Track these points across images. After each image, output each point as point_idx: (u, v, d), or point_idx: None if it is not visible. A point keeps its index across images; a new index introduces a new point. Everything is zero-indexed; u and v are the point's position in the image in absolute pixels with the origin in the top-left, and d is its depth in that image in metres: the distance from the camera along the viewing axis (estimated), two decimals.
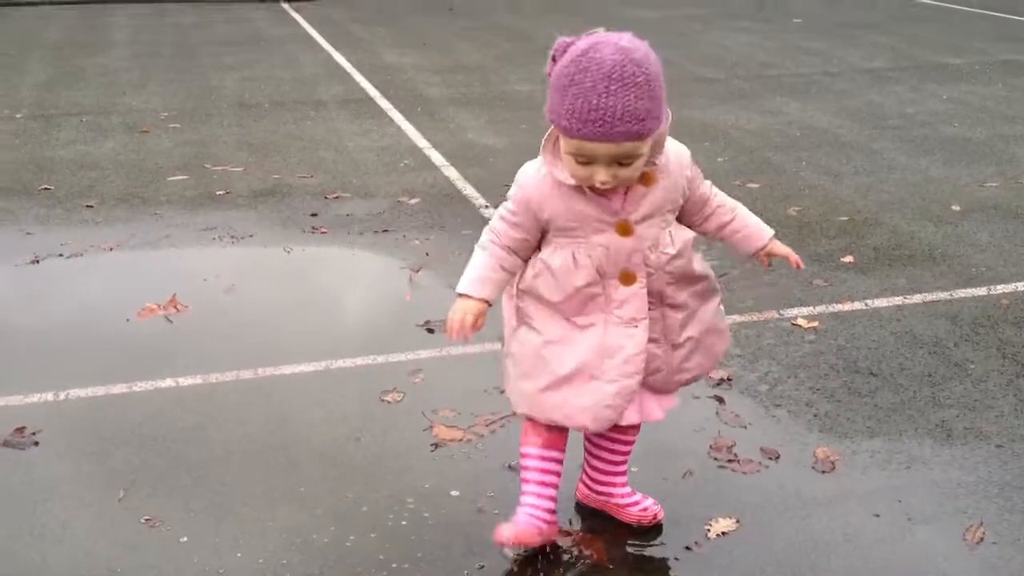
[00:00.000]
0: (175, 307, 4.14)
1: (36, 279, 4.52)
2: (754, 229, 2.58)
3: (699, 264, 2.48)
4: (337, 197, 5.57)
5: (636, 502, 2.74)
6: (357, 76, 8.89)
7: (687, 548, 2.67)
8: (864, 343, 3.82)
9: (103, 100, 8.03)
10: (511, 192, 2.40)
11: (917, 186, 5.70)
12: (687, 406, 3.37)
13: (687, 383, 2.58)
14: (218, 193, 5.67)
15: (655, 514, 2.72)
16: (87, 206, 5.46)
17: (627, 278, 2.36)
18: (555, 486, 2.60)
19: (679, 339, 2.48)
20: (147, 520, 2.79)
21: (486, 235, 2.43)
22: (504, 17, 12.32)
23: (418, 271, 4.50)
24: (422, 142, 6.72)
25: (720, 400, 3.41)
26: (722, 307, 2.61)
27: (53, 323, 4.06)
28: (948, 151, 6.40)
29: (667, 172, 2.35)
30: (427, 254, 4.70)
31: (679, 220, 2.46)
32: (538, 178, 2.33)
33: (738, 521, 2.76)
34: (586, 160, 2.20)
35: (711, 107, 7.64)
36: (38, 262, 4.68)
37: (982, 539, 2.69)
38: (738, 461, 3.06)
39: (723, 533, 2.72)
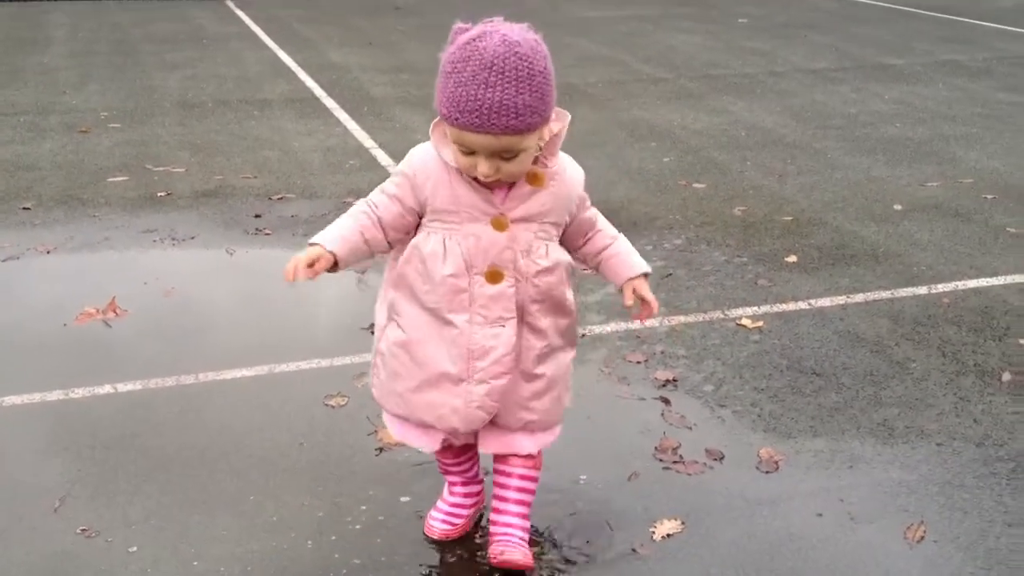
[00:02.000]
0: (114, 311, 4.06)
1: None
2: (630, 258, 2.51)
3: (570, 297, 2.42)
4: (281, 198, 5.51)
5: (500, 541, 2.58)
6: (302, 75, 8.81)
7: (633, 550, 2.66)
8: (808, 343, 3.85)
9: (41, 99, 7.88)
10: (399, 167, 2.36)
11: (860, 186, 5.76)
12: (632, 407, 3.38)
13: (526, 431, 2.46)
14: (159, 194, 5.58)
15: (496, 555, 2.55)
16: (24, 208, 5.35)
17: (494, 276, 2.29)
18: (464, 484, 2.70)
19: (533, 369, 2.40)
20: (83, 530, 2.73)
21: (360, 204, 2.36)
22: (450, 16, 12.18)
23: (364, 273, 4.46)
24: (368, 142, 6.67)
25: (666, 401, 3.41)
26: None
27: None
28: (890, 151, 6.47)
29: (559, 181, 2.33)
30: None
31: (561, 244, 2.42)
32: (427, 157, 2.31)
33: (683, 522, 2.76)
34: (468, 150, 2.17)
35: (658, 107, 7.67)
36: None
37: (923, 537, 2.71)
38: (683, 462, 3.06)
39: (668, 535, 2.72)
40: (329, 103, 7.79)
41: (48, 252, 4.75)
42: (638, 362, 3.68)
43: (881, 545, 2.69)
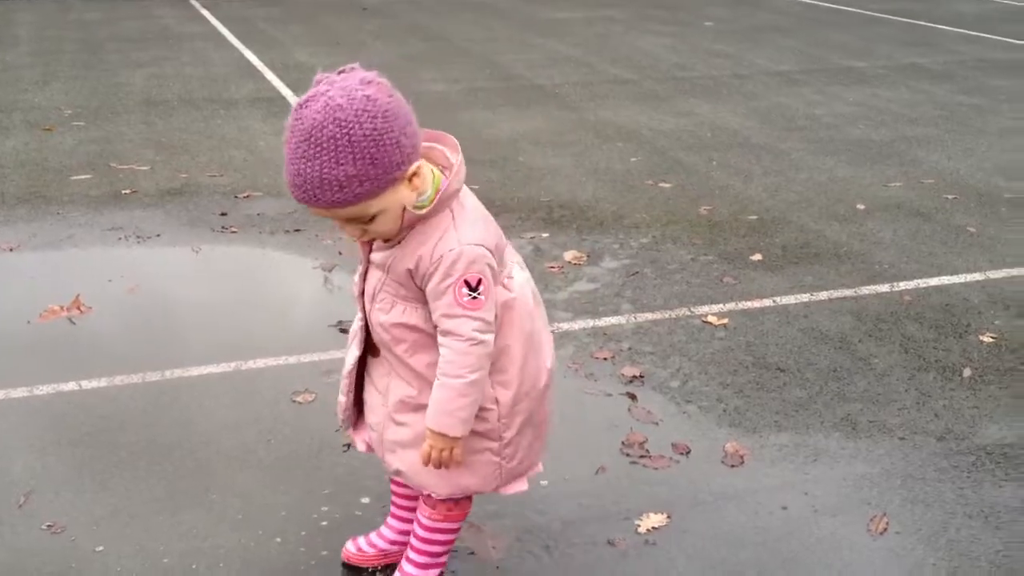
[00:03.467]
0: (78, 308, 4.03)
1: None
2: (431, 406, 2.15)
3: (425, 367, 2.17)
4: (248, 196, 5.49)
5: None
6: (269, 75, 8.77)
7: (609, 543, 2.68)
8: (772, 339, 3.89)
9: (4, 97, 7.80)
10: None
11: (823, 186, 5.82)
12: (599, 403, 3.40)
13: (398, 478, 2.36)
14: (124, 192, 5.54)
15: None
16: None
17: (361, 305, 2.25)
18: (399, 517, 2.56)
19: (396, 415, 2.26)
20: (49, 526, 2.71)
21: None
22: (418, 16, 12.27)
23: (331, 271, 4.45)
24: None
25: (632, 397, 3.43)
26: (495, 455, 2.28)
27: None
28: (853, 152, 6.54)
29: (404, 245, 2.09)
30: (340, 253, 4.65)
31: None
32: None
33: (650, 516, 2.78)
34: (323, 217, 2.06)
35: (625, 108, 7.70)
36: None
37: (886, 529, 2.75)
38: (650, 456, 3.08)
39: (636, 528, 2.74)
40: (295, 103, 7.75)
41: (11, 250, 4.71)
42: (605, 358, 3.70)
43: (845, 537, 2.72)
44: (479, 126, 7.03)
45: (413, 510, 2.51)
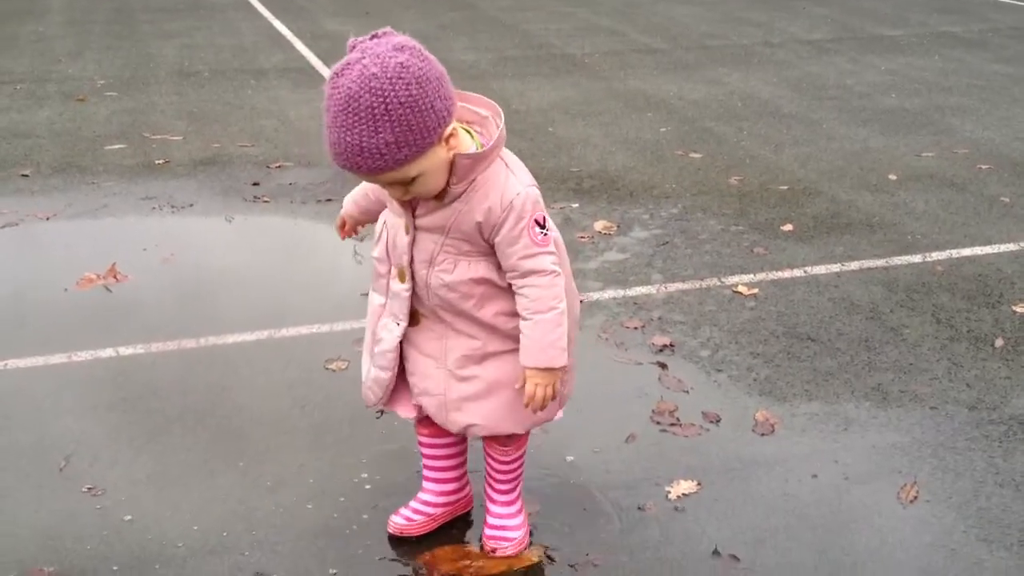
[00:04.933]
0: (114, 276, 4.09)
1: None
2: (527, 345, 2.23)
3: (494, 316, 2.26)
4: (279, 166, 5.52)
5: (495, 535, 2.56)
6: (298, 44, 8.79)
7: (639, 508, 2.70)
8: (803, 309, 3.88)
9: (38, 68, 7.86)
10: None
11: (855, 156, 5.78)
12: (629, 372, 3.41)
13: (466, 434, 2.42)
14: (157, 162, 5.59)
15: (493, 549, 2.55)
16: (22, 175, 5.36)
17: (401, 275, 2.27)
18: (437, 480, 2.60)
19: (461, 371, 2.32)
20: (89, 490, 2.77)
21: None
22: None
23: (362, 240, 4.48)
24: None
25: (662, 366, 3.45)
26: (560, 384, 2.33)
27: None
28: (886, 122, 6.49)
29: (466, 201, 2.15)
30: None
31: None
32: None
33: (680, 483, 2.80)
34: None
35: (654, 78, 7.67)
36: None
37: (916, 497, 2.76)
38: (680, 425, 3.10)
39: (666, 494, 2.76)
40: (325, 72, 7.76)
41: (47, 219, 4.77)
42: (635, 328, 3.72)
43: (875, 505, 2.73)
44: (509, 95, 7.02)
45: (450, 469, 2.58)
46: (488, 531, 2.56)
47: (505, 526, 2.55)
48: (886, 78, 7.68)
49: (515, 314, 2.25)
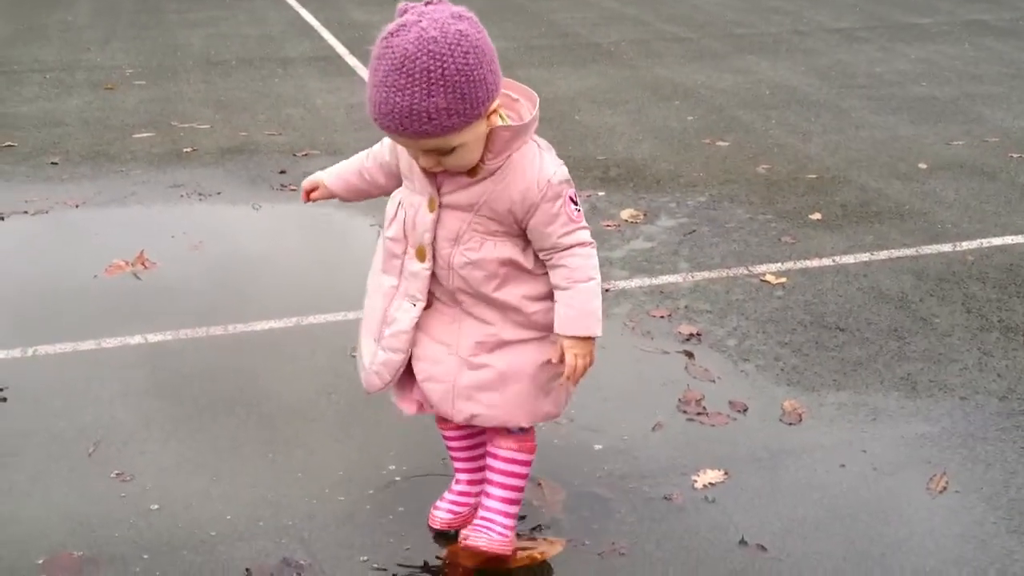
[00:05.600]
0: (143, 263, 4.11)
1: (1, 236, 4.47)
2: (567, 314, 2.21)
3: (519, 299, 2.23)
4: (306, 154, 5.54)
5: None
6: (325, 33, 8.80)
7: (666, 498, 2.69)
8: (831, 298, 3.86)
9: (66, 56, 7.91)
10: None
11: (885, 144, 5.74)
12: (656, 361, 3.40)
13: (472, 423, 2.35)
14: (185, 150, 5.62)
15: (466, 536, 2.45)
16: (52, 163, 5.40)
17: (420, 254, 2.23)
18: (467, 470, 2.57)
19: (473, 358, 2.27)
20: (118, 475, 2.79)
21: (376, 146, 2.41)
22: None
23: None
24: None
25: (689, 355, 3.43)
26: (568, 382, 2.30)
27: (20, 279, 4.03)
28: (916, 110, 6.43)
29: (501, 178, 2.13)
30: None
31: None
32: None
33: (707, 472, 2.79)
34: (403, 146, 2.13)
35: (681, 66, 7.63)
36: (3, 219, 4.63)
37: (945, 488, 2.74)
38: (707, 414, 3.09)
39: (693, 483, 2.75)
40: (352, 61, 7.79)
41: (77, 206, 4.80)
42: (661, 316, 3.70)
43: (904, 495, 2.71)
44: (536, 84, 6.96)
45: (476, 459, 2.54)
46: (475, 520, 2.46)
47: (494, 520, 2.44)
48: (916, 66, 7.61)
49: (537, 298, 2.24)
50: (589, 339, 2.23)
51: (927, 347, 3.50)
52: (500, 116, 2.13)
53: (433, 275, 2.25)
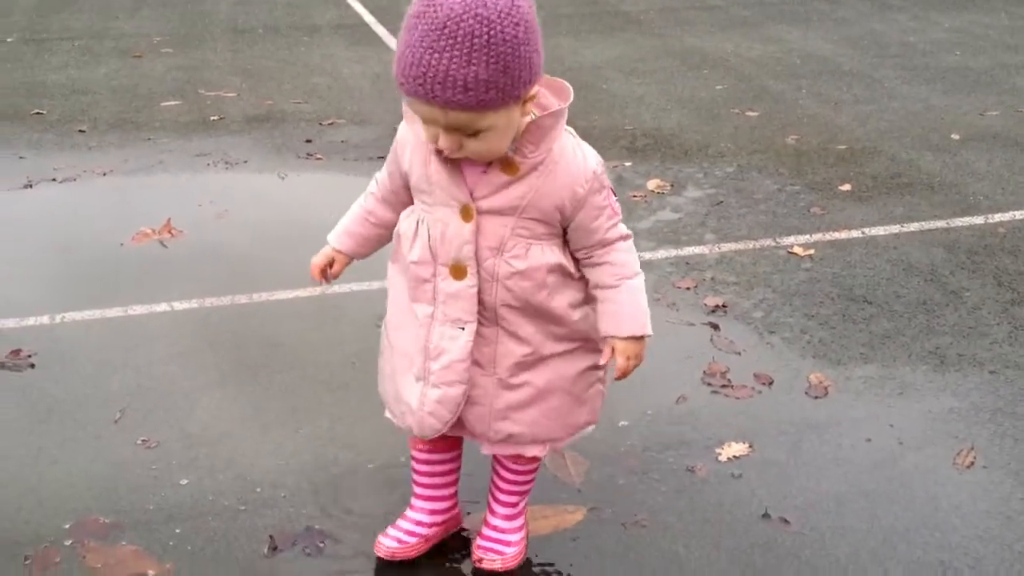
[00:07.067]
0: (169, 232, 4.12)
1: (29, 203, 4.50)
2: (618, 313, 2.08)
3: (560, 306, 2.07)
4: (332, 123, 5.53)
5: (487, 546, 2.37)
6: (352, 1, 8.77)
7: (689, 470, 2.68)
8: (860, 271, 3.82)
9: (95, 24, 7.93)
10: None
11: (917, 115, 5.66)
12: (681, 333, 3.38)
13: (508, 444, 2.19)
14: (212, 119, 5.62)
15: (480, 559, 2.36)
16: (80, 131, 5.41)
17: (457, 271, 2.01)
18: (428, 498, 2.39)
19: (512, 379, 2.10)
20: (143, 441, 2.81)
21: (371, 184, 2.26)
22: None
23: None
24: None
25: (715, 327, 3.41)
26: (601, 383, 2.25)
27: (47, 247, 4.05)
28: (949, 80, 6.34)
29: (545, 172, 1.95)
30: None
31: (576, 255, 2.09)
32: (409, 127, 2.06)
33: (731, 445, 2.78)
34: (425, 119, 1.87)
35: (711, 35, 7.55)
36: (31, 186, 4.66)
37: (972, 463, 2.71)
38: (732, 386, 3.07)
39: (717, 456, 2.74)
40: (379, 30, 7.76)
41: (104, 174, 4.82)
42: (687, 288, 3.68)
43: (931, 470, 2.69)
44: (563, 53, 6.95)
45: (446, 486, 2.39)
46: (481, 541, 2.37)
47: (501, 539, 2.36)
48: (950, 35, 7.50)
49: (578, 304, 2.10)
50: (642, 338, 2.11)
51: (956, 321, 3.46)
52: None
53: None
